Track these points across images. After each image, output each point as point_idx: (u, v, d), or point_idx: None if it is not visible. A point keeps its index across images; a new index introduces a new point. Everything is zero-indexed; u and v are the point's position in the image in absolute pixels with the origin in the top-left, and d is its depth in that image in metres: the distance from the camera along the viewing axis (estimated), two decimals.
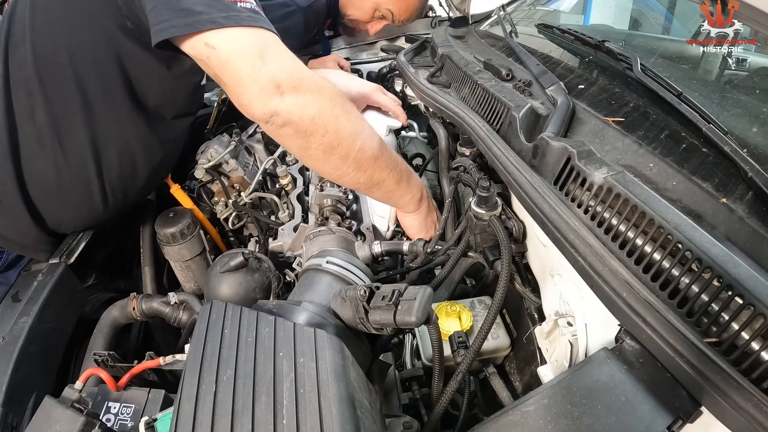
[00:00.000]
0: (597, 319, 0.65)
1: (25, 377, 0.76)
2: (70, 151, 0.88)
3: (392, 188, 0.92)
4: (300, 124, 0.76)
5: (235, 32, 0.72)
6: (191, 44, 0.73)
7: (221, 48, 0.72)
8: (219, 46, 0.72)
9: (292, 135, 0.77)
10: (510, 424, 0.50)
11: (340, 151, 0.81)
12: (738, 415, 0.44)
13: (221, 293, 0.84)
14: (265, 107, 0.73)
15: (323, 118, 0.77)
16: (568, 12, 1.70)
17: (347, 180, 0.87)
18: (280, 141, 0.82)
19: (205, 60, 0.74)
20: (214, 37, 0.72)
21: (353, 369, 0.53)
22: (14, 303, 0.85)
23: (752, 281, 0.47)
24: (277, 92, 0.73)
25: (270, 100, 0.73)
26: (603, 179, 0.63)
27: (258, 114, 0.74)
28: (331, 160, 0.82)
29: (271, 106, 0.73)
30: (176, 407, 0.46)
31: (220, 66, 0.73)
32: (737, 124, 0.74)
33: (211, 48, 0.72)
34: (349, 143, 0.81)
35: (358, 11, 1.62)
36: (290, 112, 0.74)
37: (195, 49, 0.74)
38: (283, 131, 0.76)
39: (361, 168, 0.85)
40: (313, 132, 0.77)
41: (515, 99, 0.93)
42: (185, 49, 0.75)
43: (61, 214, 0.96)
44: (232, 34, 0.72)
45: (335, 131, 0.79)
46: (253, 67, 0.72)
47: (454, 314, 0.83)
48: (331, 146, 0.80)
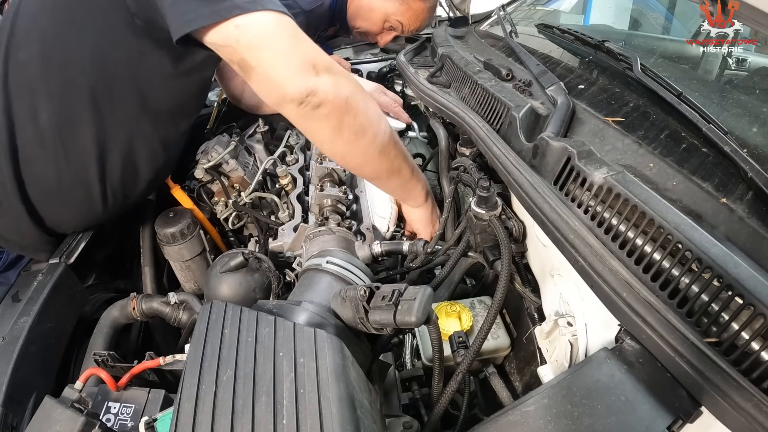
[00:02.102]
0: (597, 319, 0.65)
1: (25, 377, 0.76)
2: (73, 152, 0.88)
3: (408, 177, 0.93)
4: (335, 102, 0.75)
5: (262, 15, 0.71)
6: (218, 31, 0.71)
7: (252, 29, 0.71)
8: (249, 26, 0.71)
9: (327, 115, 0.76)
10: (510, 424, 0.50)
11: (369, 132, 0.81)
12: (738, 415, 0.44)
13: (221, 293, 0.84)
14: (303, 86, 0.72)
15: (356, 99, 0.78)
16: (568, 12, 1.70)
17: (372, 166, 0.88)
18: (312, 125, 0.79)
19: (233, 44, 0.72)
20: (242, 20, 0.70)
21: (353, 369, 0.53)
22: (14, 303, 0.85)
23: (752, 281, 0.47)
24: (313, 71, 0.72)
25: (307, 78, 0.72)
26: (603, 179, 0.63)
27: (293, 93, 0.72)
28: (361, 143, 0.82)
29: (309, 84, 0.72)
30: (176, 407, 0.46)
31: (250, 47, 0.71)
32: (737, 124, 0.74)
33: (242, 29, 0.70)
34: (376, 125, 0.82)
35: (367, 23, 1.62)
36: (327, 91, 0.74)
37: (222, 35, 0.72)
38: (318, 112, 0.75)
39: (385, 153, 0.86)
40: (347, 111, 0.77)
41: (515, 99, 0.93)
42: (210, 39, 0.73)
43: (60, 215, 0.96)
44: (261, 16, 0.71)
45: (365, 113, 0.80)
46: (288, 46, 0.72)
47: (454, 314, 0.83)
48: (363, 127, 0.80)
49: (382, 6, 1.58)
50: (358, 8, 1.62)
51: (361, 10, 1.62)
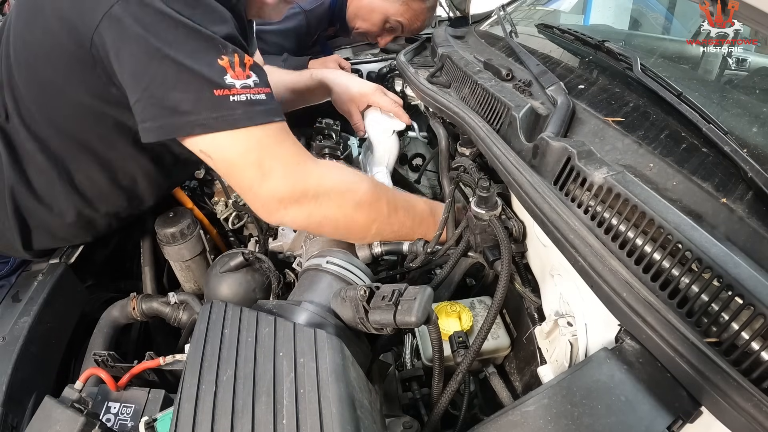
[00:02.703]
0: (597, 319, 0.65)
1: (25, 377, 0.76)
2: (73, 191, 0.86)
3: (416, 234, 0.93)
4: (308, 227, 0.80)
5: (227, 137, 0.67)
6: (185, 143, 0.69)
7: (217, 157, 0.69)
8: (214, 155, 0.69)
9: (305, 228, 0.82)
10: (510, 424, 0.50)
11: (354, 235, 0.86)
12: (738, 415, 0.44)
13: (221, 293, 0.85)
14: (271, 218, 0.76)
15: (331, 220, 0.78)
16: (568, 12, 1.70)
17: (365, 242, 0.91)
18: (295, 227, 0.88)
19: (206, 160, 0.71)
20: (206, 145, 0.68)
21: (353, 369, 0.53)
22: (14, 303, 0.85)
23: (752, 281, 0.47)
24: (280, 207, 0.73)
25: (274, 213, 0.74)
26: (603, 179, 0.63)
27: (268, 219, 0.77)
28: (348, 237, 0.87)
29: (277, 218, 0.75)
30: (176, 407, 0.46)
31: (220, 172, 0.73)
32: (737, 124, 0.74)
33: (207, 156, 0.69)
34: (362, 230, 0.83)
35: (367, 24, 1.62)
36: (296, 221, 0.77)
37: (191, 149, 0.70)
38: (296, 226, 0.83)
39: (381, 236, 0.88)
40: (321, 230, 0.82)
41: (515, 99, 0.93)
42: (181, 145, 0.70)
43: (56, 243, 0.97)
44: (224, 139, 0.67)
45: (345, 226, 0.81)
46: (252, 183, 0.71)
47: (454, 314, 0.83)
48: (343, 235, 0.85)
49: (382, 6, 1.58)
50: (358, 9, 1.62)
51: (360, 11, 1.62)
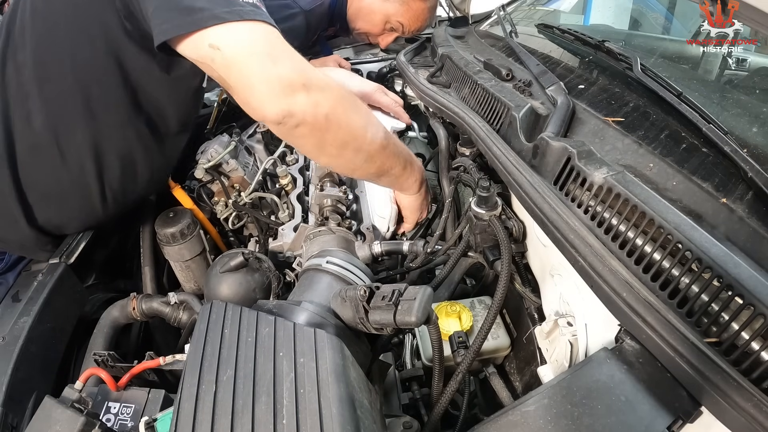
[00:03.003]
0: (597, 319, 0.65)
1: (25, 377, 0.76)
2: (69, 155, 0.88)
3: (399, 173, 0.94)
4: (314, 122, 0.75)
5: (239, 27, 0.70)
6: (194, 45, 0.70)
7: (226, 48, 0.69)
8: (224, 46, 0.69)
9: (307, 134, 0.76)
10: (510, 424, 0.50)
11: (353, 144, 0.81)
12: (738, 415, 0.44)
13: (221, 293, 0.85)
14: (278, 108, 0.71)
15: (336, 115, 0.76)
16: (568, 12, 1.70)
17: (359, 172, 0.89)
18: (294, 142, 0.81)
19: (209, 63, 0.71)
20: (217, 36, 0.69)
21: (353, 369, 0.53)
22: (14, 303, 0.85)
23: (752, 281, 0.47)
24: (289, 92, 0.71)
25: (282, 100, 0.71)
26: (603, 179, 0.63)
27: (270, 116, 0.72)
28: (345, 155, 0.82)
29: (284, 106, 0.71)
30: (176, 407, 0.46)
31: (225, 67, 0.70)
32: (737, 124, 0.74)
33: (216, 49, 0.69)
34: (360, 136, 0.82)
35: (367, 24, 1.62)
36: (304, 111, 0.73)
37: (198, 51, 0.71)
38: (297, 131, 0.75)
39: (372, 159, 0.85)
40: (328, 129, 0.77)
41: (515, 99, 0.93)
42: (187, 52, 0.72)
43: (59, 217, 0.96)
44: (236, 30, 0.69)
45: (347, 126, 0.79)
46: (263, 68, 0.70)
47: (454, 314, 0.83)
48: (345, 141, 0.80)
49: (383, 7, 1.58)
50: (359, 10, 1.61)
51: (361, 12, 1.61)
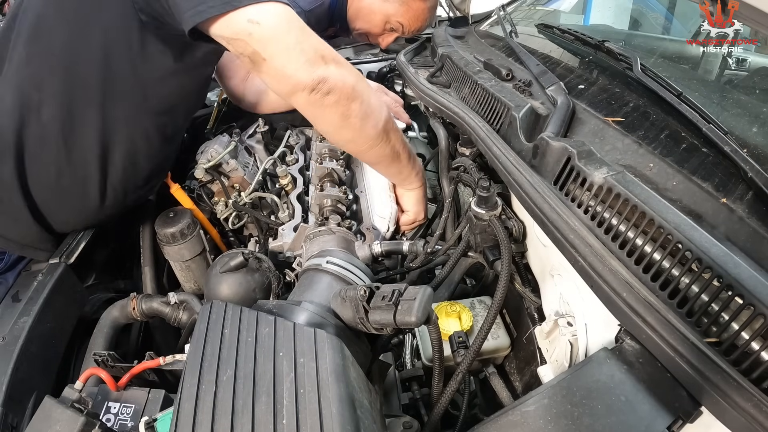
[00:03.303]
0: (597, 319, 0.65)
1: (25, 377, 0.76)
2: (74, 149, 0.88)
3: (406, 161, 0.99)
4: (344, 90, 0.81)
5: (274, 7, 0.75)
6: (230, 23, 0.74)
7: (266, 22, 0.74)
8: (263, 20, 0.74)
9: (336, 103, 0.81)
10: (510, 424, 0.50)
11: (374, 118, 0.87)
12: (738, 415, 0.44)
13: (221, 293, 0.84)
14: (315, 74, 0.77)
15: (361, 87, 0.84)
16: (568, 12, 1.70)
17: (375, 151, 0.93)
18: (321, 111, 0.84)
19: (246, 37, 0.74)
20: (256, 12, 0.73)
21: (353, 369, 0.53)
22: (14, 303, 0.85)
23: (752, 281, 0.47)
24: (322, 62, 0.78)
25: (318, 67, 0.78)
26: (603, 179, 0.63)
27: (306, 81, 0.77)
28: (366, 128, 0.88)
29: (320, 72, 0.78)
30: (176, 407, 0.46)
31: (264, 40, 0.75)
32: (737, 124, 0.74)
33: (255, 23, 0.73)
34: (379, 112, 0.89)
35: (367, 24, 1.62)
36: (336, 79, 0.80)
37: (234, 27, 0.74)
38: (328, 99, 0.80)
39: (388, 137, 0.92)
40: (354, 98, 0.83)
41: (515, 99, 0.93)
42: (220, 32, 0.75)
43: (60, 212, 0.96)
44: (271, 8, 0.75)
45: (369, 101, 0.86)
46: (299, 38, 0.77)
47: (454, 314, 0.83)
48: (367, 114, 0.86)
49: (382, 8, 1.58)
50: (358, 10, 1.61)
51: (361, 12, 1.61)
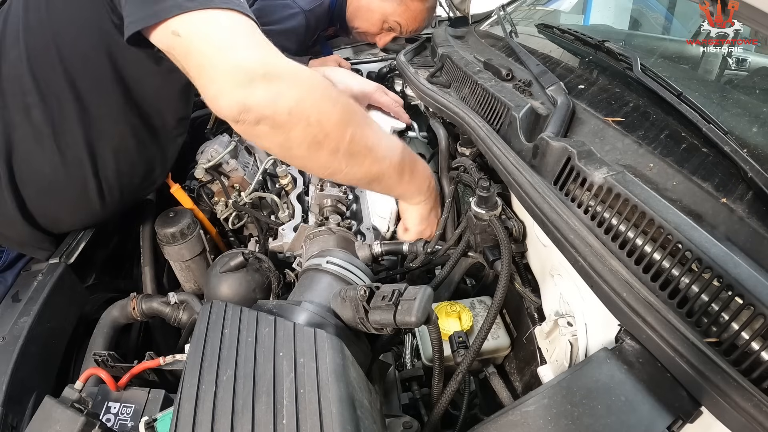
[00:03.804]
0: (597, 319, 0.65)
1: (25, 377, 0.76)
2: (66, 149, 0.88)
3: (394, 182, 0.83)
4: (276, 118, 0.66)
5: (201, 15, 0.65)
6: (159, 35, 0.68)
7: (185, 34, 0.65)
8: (183, 32, 0.65)
9: (269, 133, 0.67)
10: (510, 424, 0.50)
11: (327, 144, 0.71)
12: (738, 415, 0.44)
13: (221, 293, 0.85)
14: (233, 101, 0.64)
15: (303, 109, 0.67)
16: (568, 12, 1.70)
17: (342, 177, 0.78)
18: (257, 142, 0.72)
19: (171, 51, 0.68)
20: (179, 23, 0.65)
21: (353, 369, 0.53)
22: (14, 303, 0.85)
23: (752, 281, 0.47)
24: (246, 83, 0.64)
25: (238, 92, 0.64)
26: (603, 179, 0.63)
27: (226, 109, 0.65)
28: (318, 157, 0.72)
29: (240, 98, 0.64)
30: (176, 407, 0.46)
31: (183, 53, 0.66)
32: (737, 124, 0.74)
33: (176, 36, 0.65)
34: (337, 134, 0.71)
35: (365, 23, 1.63)
36: (262, 105, 0.65)
37: (162, 40, 0.68)
38: (258, 129, 0.67)
39: (356, 161, 0.75)
40: (293, 126, 0.67)
41: (515, 99, 0.93)
42: (156, 42, 0.69)
43: (57, 213, 0.95)
44: (198, 17, 0.65)
45: (318, 122, 0.69)
46: (217, 51, 0.64)
47: (454, 314, 0.83)
48: (316, 140, 0.70)
49: (381, 7, 1.58)
50: (357, 9, 1.62)
51: (359, 11, 1.62)
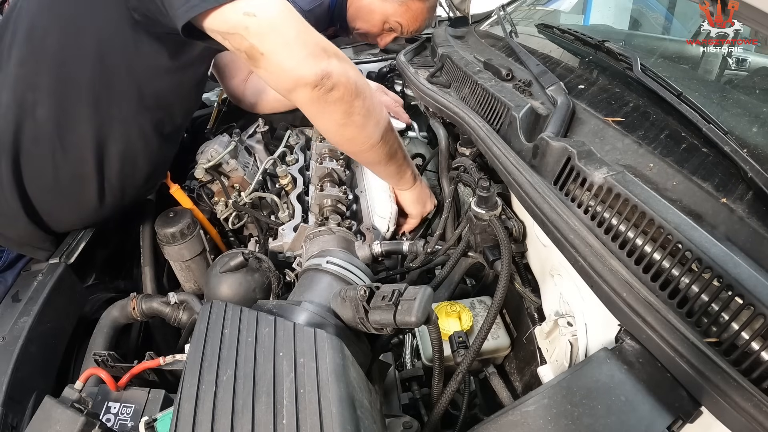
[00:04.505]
0: (597, 319, 0.65)
1: (25, 377, 0.76)
2: (70, 148, 0.88)
3: (402, 161, 0.97)
4: (348, 85, 0.78)
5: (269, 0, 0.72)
6: (225, 16, 0.71)
7: (262, 14, 0.70)
8: (259, 12, 0.70)
9: (339, 99, 0.78)
10: (510, 424, 0.50)
11: (375, 116, 0.85)
12: (738, 415, 0.44)
13: (221, 293, 0.84)
14: (318, 68, 0.74)
15: (362, 83, 0.81)
16: (568, 12, 1.70)
17: (375, 151, 0.91)
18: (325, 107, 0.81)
19: (242, 31, 0.71)
20: (251, 4, 0.70)
21: (353, 369, 0.53)
22: (14, 303, 0.85)
23: (752, 281, 0.47)
24: (325, 56, 0.75)
25: (321, 61, 0.74)
26: (603, 179, 0.63)
27: (309, 76, 0.74)
28: (368, 127, 0.86)
29: (323, 66, 0.74)
30: (176, 407, 0.46)
31: (261, 33, 0.71)
32: (737, 124, 0.74)
33: (251, 15, 0.70)
34: (380, 110, 0.87)
35: (366, 24, 1.63)
36: (340, 74, 0.76)
37: (230, 20, 0.71)
38: (331, 95, 0.77)
39: (386, 137, 0.90)
40: (357, 95, 0.80)
41: (515, 99, 0.93)
42: (215, 27, 0.72)
43: (59, 212, 0.95)
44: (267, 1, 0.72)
45: (371, 98, 0.83)
46: (299, 30, 0.73)
47: (454, 314, 0.83)
48: (369, 111, 0.83)
49: (381, 7, 1.58)
50: (358, 9, 1.62)
51: (360, 12, 1.62)
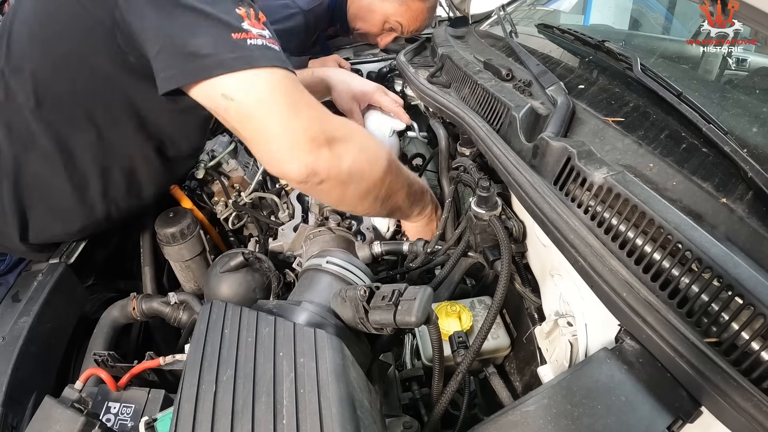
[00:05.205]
0: (597, 319, 0.65)
1: (25, 377, 0.76)
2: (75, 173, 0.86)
3: (406, 209, 0.95)
4: (338, 177, 0.72)
5: (250, 76, 0.65)
6: (203, 93, 0.66)
7: (241, 99, 0.65)
8: (237, 96, 0.64)
9: (330, 189, 0.74)
10: (510, 424, 0.50)
11: (373, 194, 0.81)
12: (738, 415, 0.44)
13: (221, 293, 0.85)
14: (302, 166, 0.68)
15: (358, 166, 0.75)
16: (568, 12, 1.70)
17: (373, 213, 0.91)
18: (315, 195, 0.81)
19: (222, 113, 0.67)
20: (228, 86, 0.64)
21: (353, 369, 0.53)
22: (14, 303, 0.85)
23: (752, 281, 0.47)
24: (313, 148, 0.68)
25: (307, 155, 0.67)
26: (603, 179, 0.63)
27: (294, 175, 0.68)
28: (364, 203, 0.83)
29: (309, 163, 0.68)
30: (176, 407, 0.46)
31: (241, 120, 0.66)
32: (737, 124, 0.74)
33: (230, 99, 0.64)
34: (379, 184, 0.81)
35: (367, 24, 1.63)
36: (327, 167, 0.70)
37: (209, 99, 0.67)
38: (321, 187, 0.73)
39: (388, 201, 0.87)
40: (350, 183, 0.75)
41: (515, 99, 0.93)
42: (197, 97, 0.68)
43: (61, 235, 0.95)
44: (252, 78, 0.65)
45: (369, 177, 0.79)
46: (282, 122, 0.66)
47: (454, 314, 0.83)
48: (367, 191, 0.80)
49: (382, 7, 1.58)
50: (358, 9, 1.62)
51: (360, 12, 1.62)
